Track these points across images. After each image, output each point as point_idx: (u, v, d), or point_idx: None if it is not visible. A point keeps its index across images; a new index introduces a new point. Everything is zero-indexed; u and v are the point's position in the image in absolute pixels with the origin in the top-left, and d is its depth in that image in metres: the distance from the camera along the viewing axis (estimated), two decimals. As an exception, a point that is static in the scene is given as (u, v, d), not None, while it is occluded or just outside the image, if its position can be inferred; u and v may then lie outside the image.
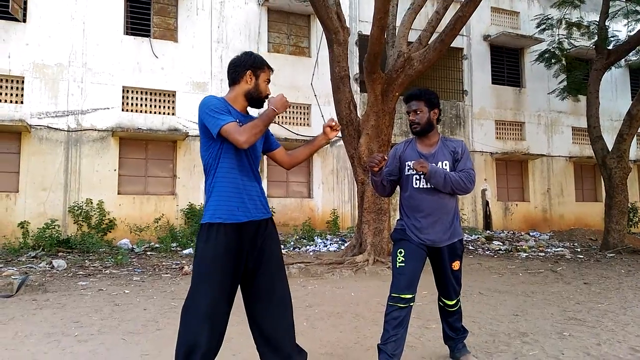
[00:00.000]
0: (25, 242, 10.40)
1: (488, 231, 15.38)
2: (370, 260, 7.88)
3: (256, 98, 2.62)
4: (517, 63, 18.11)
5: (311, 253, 10.60)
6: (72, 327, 4.32)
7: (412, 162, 3.02)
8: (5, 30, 11.56)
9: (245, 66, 2.58)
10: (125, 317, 4.64)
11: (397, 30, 10.03)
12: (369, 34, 8.76)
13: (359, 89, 14.62)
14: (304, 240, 12.26)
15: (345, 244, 11.31)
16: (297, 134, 13.82)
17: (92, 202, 11.57)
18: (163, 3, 13.36)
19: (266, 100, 2.68)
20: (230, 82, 2.64)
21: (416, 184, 3.08)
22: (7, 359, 3.43)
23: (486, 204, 16.35)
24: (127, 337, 3.94)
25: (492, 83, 17.30)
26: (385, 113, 8.70)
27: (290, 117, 14.17)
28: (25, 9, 11.70)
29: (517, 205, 17.03)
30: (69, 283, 6.80)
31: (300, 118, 14.41)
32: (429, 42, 9.45)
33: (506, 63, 17.90)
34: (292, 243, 11.76)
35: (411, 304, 2.99)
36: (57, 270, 7.95)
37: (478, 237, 13.19)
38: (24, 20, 11.71)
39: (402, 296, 2.95)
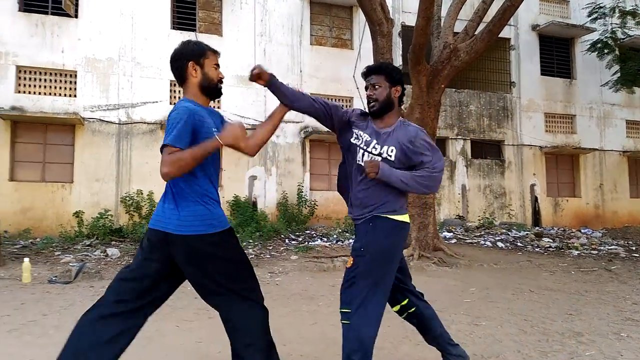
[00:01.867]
0: (80, 231, 10.84)
1: (537, 227, 14.94)
2: (415, 255, 7.81)
3: (210, 88, 2.35)
4: (567, 53, 17.41)
5: (354, 246, 10.57)
6: (128, 313, 4.48)
7: (365, 160, 2.59)
8: (59, 26, 12.03)
9: (185, 58, 2.31)
10: (177, 304, 4.77)
11: (442, 21, 9.85)
12: (412, 24, 8.65)
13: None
14: (347, 234, 12.25)
15: (389, 238, 11.22)
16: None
17: (142, 193, 11.93)
18: (209, -2, 13.57)
19: (222, 86, 2.42)
20: (178, 81, 2.37)
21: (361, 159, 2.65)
22: (70, 342, 3.60)
23: (535, 200, 15.89)
24: (181, 324, 4.06)
25: (541, 74, 16.70)
26: (431, 105, 8.57)
27: (332, 110, 14.13)
28: (77, 5, 12.12)
29: (567, 200, 16.45)
30: (122, 271, 7.05)
31: (343, 111, 14.37)
32: (475, 33, 9.25)
33: (556, 53, 17.24)
34: (334, 236, 11.77)
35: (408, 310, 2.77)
36: (111, 258, 8.28)
37: (527, 234, 12.84)
38: (76, 16, 12.13)
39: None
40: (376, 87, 2.69)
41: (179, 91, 12.87)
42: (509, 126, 16.03)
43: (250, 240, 10.40)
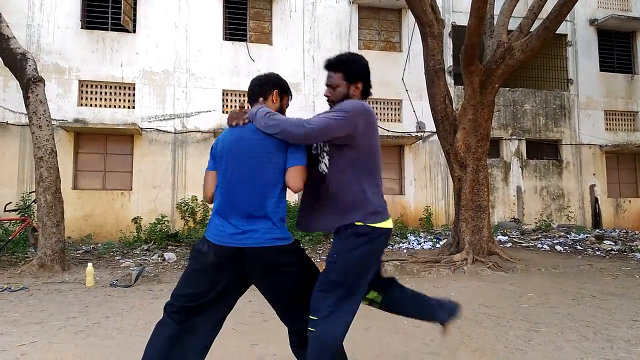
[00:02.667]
0: (138, 236, 11.30)
1: (598, 230, 14.26)
2: (469, 260, 7.63)
3: None
4: (628, 48, 16.55)
5: (405, 250, 10.47)
6: (186, 315, 4.63)
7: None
8: (118, 41, 12.62)
9: (275, 85, 2.51)
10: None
11: (495, 20, 9.63)
12: (463, 24, 8.51)
13: (452, 81, 14.18)
14: (397, 238, 12.14)
15: (440, 242, 11.05)
16: (388, 130, 13.72)
17: (197, 199, 12.31)
18: (258, 7, 13.85)
19: None
20: (255, 95, 2.51)
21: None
22: (133, 344, 3.76)
23: (595, 201, 15.17)
24: (237, 327, 4.15)
25: (601, 70, 15.95)
26: (484, 106, 8.38)
27: (380, 114, 14.08)
28: (134, 21, 12.69)
29: (630, 202, 15.59)
30: (179, 275, 7.28)
31: (391, 114, 14.27)
32: (530, 30, 8.98)
33: (616, 48, 16.42)
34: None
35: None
36: (168, 262, 8.56)
37: (587, 237, 12.27)
38: (134, 31, 12.69)
39: None
40: (334, 87, 2.45)
41: (232, 100, 13.18)
42: (567, 125, 15.40)
43: (301, 245, 10.49)
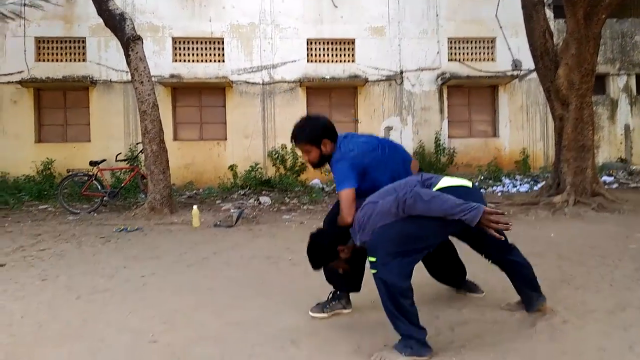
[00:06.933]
0: (235, 182, 11.91)
1: None
2: (571, 201, 7.26)
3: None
4: None
5: (499, 194, 10.14)
6: (285, 252, 4.93)
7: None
8: (205, -5, 12.91)
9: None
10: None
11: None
12: (568, -53, 7.69)
13: (552, 15, 13.04)
14: (490, 181, 11.77)
15: (538, 185, 10.57)
16: (481, 71, 13.05)
17: (286, 147, 12.66)
18: (342, -50, 13.43)
19: None
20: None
21: None
22: (240, 277, 4.07)
23: None
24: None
25: None
26: (589, 39, 7.66)
27: (472, 53, 13.37)
28: (220, -26, 12.86)
29: None
30: (275, 216, 7.69)
31: (484, 53, 13.47)
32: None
33: None
34: (476, 184, 11.37)
35: None
36: (263, 205, 9.02)
37: None
38: (221, -16, 12.91)
39: None
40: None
41: (316, 49, 13.13)
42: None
43: (390, 190, 10.51)
